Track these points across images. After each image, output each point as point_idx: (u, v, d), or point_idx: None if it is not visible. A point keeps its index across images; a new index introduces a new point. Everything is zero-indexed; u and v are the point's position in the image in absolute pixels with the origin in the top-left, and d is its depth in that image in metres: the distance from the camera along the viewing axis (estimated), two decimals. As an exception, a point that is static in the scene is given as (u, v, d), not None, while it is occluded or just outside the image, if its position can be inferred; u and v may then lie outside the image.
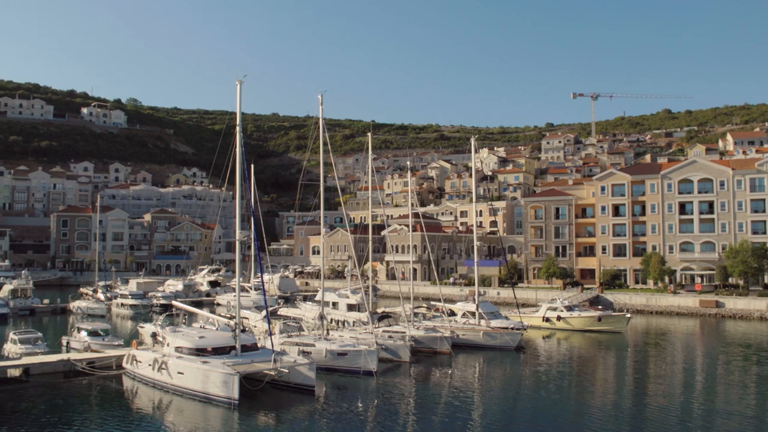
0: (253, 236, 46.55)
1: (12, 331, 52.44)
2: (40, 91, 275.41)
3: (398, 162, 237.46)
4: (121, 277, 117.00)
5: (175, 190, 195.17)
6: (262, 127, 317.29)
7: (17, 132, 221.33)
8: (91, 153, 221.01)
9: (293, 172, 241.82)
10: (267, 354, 38.05)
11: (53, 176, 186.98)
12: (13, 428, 30.43)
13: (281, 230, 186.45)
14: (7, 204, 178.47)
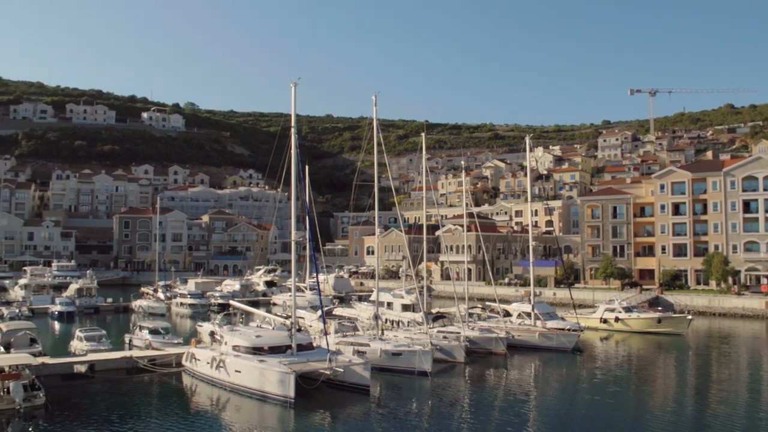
0: (308, 237, 47.11)
1: (78, 328, 54.31)
2: (103, 98, 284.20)
3: (452, 162, 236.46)
4: (180, 277, 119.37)
5: (231, 192, 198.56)
6: (317, 129, 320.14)
7: (82, 137, 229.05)
8: (151, 156, 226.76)
9: (347, 172, 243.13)
10: (322, 353, 38.39)
11: (115, 179, 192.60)
12: (80, 421, 31.48)
13: (336, 231, 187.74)
14: (73, 206, 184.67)
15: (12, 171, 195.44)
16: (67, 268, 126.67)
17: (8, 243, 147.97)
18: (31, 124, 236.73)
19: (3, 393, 32.98)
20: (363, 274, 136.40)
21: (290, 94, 42.67)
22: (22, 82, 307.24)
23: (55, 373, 40.43)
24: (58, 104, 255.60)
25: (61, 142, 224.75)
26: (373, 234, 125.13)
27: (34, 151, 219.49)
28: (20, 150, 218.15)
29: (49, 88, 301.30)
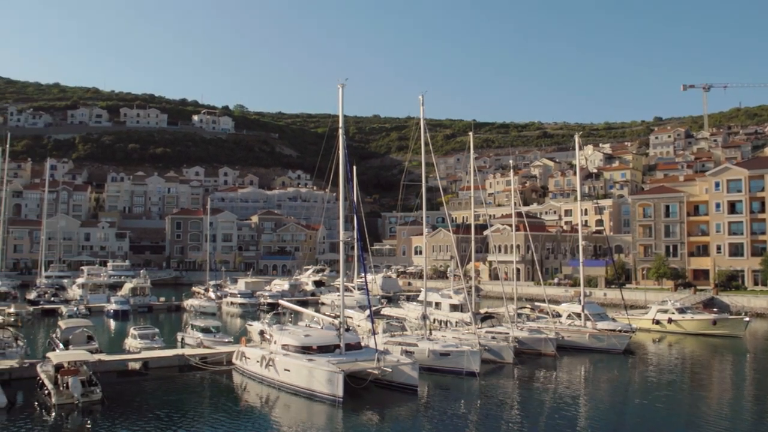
0: (356, 237, 47.29)
1: (132, 327, 55.62)
2: (155, 101, 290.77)
3: (500, 161, 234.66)
4: (230, 276, 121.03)
5: (280, 193, 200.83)
6: (364, 129, 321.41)
7: (135, 140, 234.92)
8: (202, 158, 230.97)
9: (395, 172, 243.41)
10: (370, 353, 38.55)
11: (168, 181, 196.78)
12: (135, 416, 32.27)
13: (384, 231, 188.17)
14: (127, 207, 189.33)
15: (70, 174, 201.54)
16: (121, 268, 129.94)
17: (66, 243, 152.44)
18: (88, 128, 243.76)
19: (62, 388, 34.02)
20: (411, 274, 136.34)
21: (338, 95, 43.00)
22: (79, 88, 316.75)
23: (111, 370, 41.54)
24: (112, 109, 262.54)
25: (116, 146, 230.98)
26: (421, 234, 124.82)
27: (90, 154, 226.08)
28: (77, 153, 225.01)
29: (104, 93, 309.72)
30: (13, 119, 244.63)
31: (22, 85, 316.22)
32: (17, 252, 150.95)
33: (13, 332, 48.22)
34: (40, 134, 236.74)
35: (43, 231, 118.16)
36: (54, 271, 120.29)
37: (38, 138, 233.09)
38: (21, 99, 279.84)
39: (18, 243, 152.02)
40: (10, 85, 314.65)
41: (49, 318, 74.70)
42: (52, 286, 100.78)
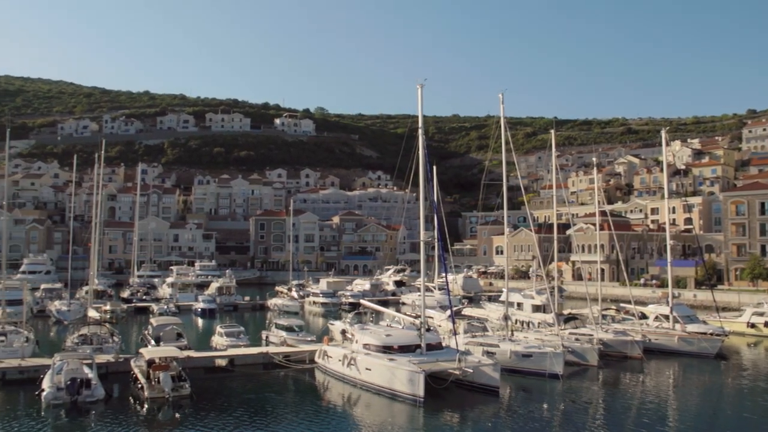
0: (436, 237, 47.22)
1: (219, 325, 57.31)
2: (239, 106, 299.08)
3: (583, 158, 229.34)
4: (312, 276, 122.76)
5: (361, 193, 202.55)
6: (443, 129, 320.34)
7: (220, 144, 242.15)
8: (284, 160, 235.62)
9: (475, 172, 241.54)
10: (451, 353, 38.38)
11: (251, 183, 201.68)
12: (222, 411, 33.26)
13: (464, 230, 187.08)
14: (213, 209, 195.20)
15: (159, 177, 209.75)
16: (208, 268, 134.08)
17: (156, 244, 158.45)
18: (176, 134, 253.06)
19: (154, 382, 35.43)
20: (492, 274, 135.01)
21: (417, 95, 43.03)
22: (167, 95, 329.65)
23: (198, 366, 42.80)
24: (198, 114, 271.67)
25: (202, 150, 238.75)
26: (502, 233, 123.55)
27: (178, 158, 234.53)
28: (166, 158, 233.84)
29: (191, 99, 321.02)
30: (108, 127, 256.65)
31: (115, 95, 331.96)
32: (112, 252, 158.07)
33: (109, 328, 50.43)
34: (131, 140, 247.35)
35: (136, 232, 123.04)
36: (145, 271, 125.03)
37: (130, 144, 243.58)
38: (114, 107, 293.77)
39: (113, 244, 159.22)
40: (105, 94, 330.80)
41: (141, 315, 77.51)
42: (144, 285, 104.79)
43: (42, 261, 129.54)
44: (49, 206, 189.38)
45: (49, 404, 33.03)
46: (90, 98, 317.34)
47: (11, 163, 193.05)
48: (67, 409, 32.72)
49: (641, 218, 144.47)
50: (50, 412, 32.52)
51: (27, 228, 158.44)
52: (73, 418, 31.85)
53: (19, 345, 44.36)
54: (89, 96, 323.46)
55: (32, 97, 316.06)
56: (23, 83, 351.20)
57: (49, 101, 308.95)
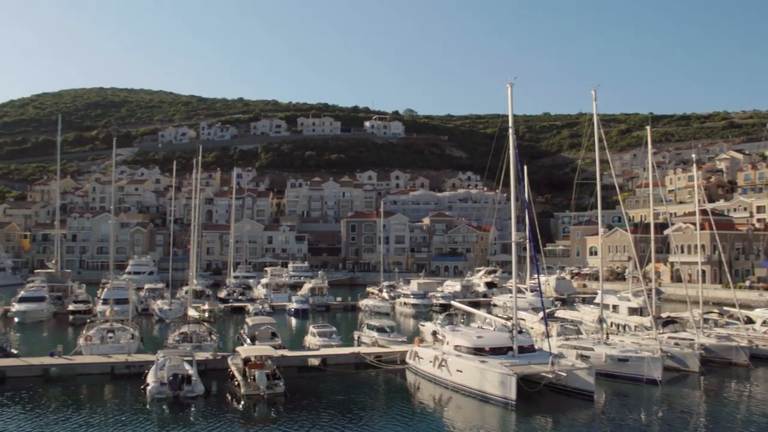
0: (528, 237, 46.46)
1: (312, 325, 58.37)
2: (329, 110, 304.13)
3: (681, 155, 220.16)
4: (403, 277, 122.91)
5: (451, 194, 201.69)
6: (534, 128, 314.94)
7: (311, 147, 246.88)
8: (374, 162, 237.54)
9: (567, 171, 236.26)
10: (544, 356, 37.66)
11: (342, 185, 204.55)
12: (315, 410, 33.88)
13: (556, 231, 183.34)
14: (305, 212, 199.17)
15: (253, 181, 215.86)
16: (301, 269, 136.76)
17: (252, 246, 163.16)
18: (269, 138, 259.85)
19: (250, 380, 36.48)
20: (585, 276, 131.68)
21: (506, 94, 42.53)
22: (260, 101, 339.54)
23: (292, 365, 43.71)
24: (290, 119, 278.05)
25: (294, 153, 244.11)
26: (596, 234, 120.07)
27: (271, 162, 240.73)
28: (260, 162, 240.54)
29: (283, 104, 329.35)
30: (204, 133, 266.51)
31: (212, 102, 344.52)
32: (209, 254, 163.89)
33: (207, 327, 52.30)
34: (227, 146, 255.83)
35: (232, 235, 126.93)
36: (241, 272, 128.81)
37: (225, 149, 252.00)
38: (210, 114, 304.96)
39: (210, 246, 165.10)
40: (202, 102, 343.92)
41: (237, 315, 79.61)
42: (239, 285, 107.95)
43: (146, 262, 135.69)
44: (152, 210, 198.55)
45: (153, 398, 34.63)
46: (188, 106, 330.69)
47: (117, 170, 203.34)
48: (169, 403, 34.20)
49: (746, 217, 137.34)
50: (154, 405, 34.11)
51: (132, 231, 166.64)
52: (175, 412, 33.26)
53: (126, 341, 46.73)
54: (187, 104, 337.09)
55: (135, 107, 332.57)
56: (127, 94, 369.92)
57: (150, 111, 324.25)
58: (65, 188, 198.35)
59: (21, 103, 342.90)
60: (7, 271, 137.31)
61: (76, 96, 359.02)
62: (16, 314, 72.81)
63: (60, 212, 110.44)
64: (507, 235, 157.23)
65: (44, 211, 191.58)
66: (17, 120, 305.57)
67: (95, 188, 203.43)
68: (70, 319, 71.93)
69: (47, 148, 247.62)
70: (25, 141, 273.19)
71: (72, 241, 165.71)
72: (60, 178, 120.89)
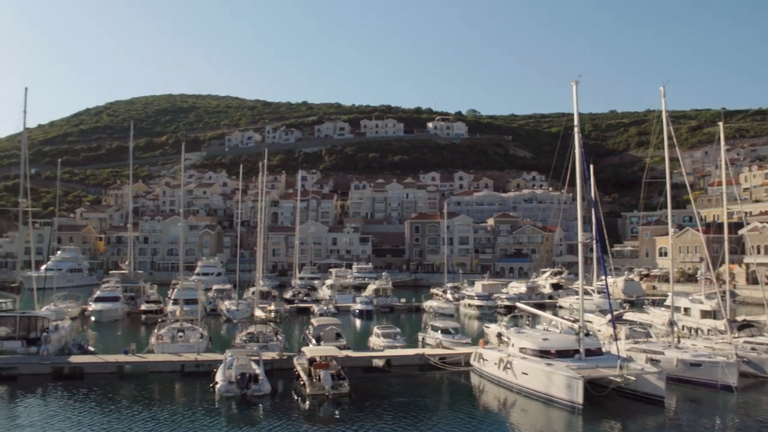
0: (595, 238, 45.63)
1: (376, 326, 58.63)
2: (392, 112, 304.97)
3: (757, 152, 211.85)
4: (467, 278, 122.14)
5: (515, 195, 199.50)
6: (600, 126, 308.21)
7: (375, 149, 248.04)
8: (437, 164, 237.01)
9: (635, 170, 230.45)
10: (612, 359, 36.81)
11: (405, 187, 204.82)
12: (379, 410, 34.05)
13: (624, 231, 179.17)
14: (369, 213, 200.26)
15: (318, 184, 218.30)
16: (365, 270, 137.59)
17: (316, 248, 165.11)
18: (332, 141, 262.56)
19: (315, 380, 36.93)
20: (655, 277, 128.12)
21: (572, 92, 41.84)
22: (324, 104, 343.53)
23: (356, 366, 43.89)
24: (353, 121, 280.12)
25: (357, 155, 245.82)
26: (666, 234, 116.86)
27: (335, 164, 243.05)
28: (324, 164, 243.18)
29: (346, 107, 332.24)
30: (270, 137, 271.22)
31: (276, 106, 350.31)
32: (275, 255, 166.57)
33: (273, 327, 53.11)
34: (291, 149, 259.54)
35: (297, 236, 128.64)
36: (306, 273, 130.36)
37: (290, 152, 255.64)
38: (275, 118, 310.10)
39: (276, 247, 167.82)
40: (266, 106, 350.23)
41: (302, 316, 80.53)
42: (304, 286, 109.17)
43: (214, 264, 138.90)
44: (219, 213, 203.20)
45: (221, 396, 35.46)
46: (253, 111, 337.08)
47: (186, 174, 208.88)
48: (237, 402, 34.94)
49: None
50: (223, 403, 34.91)
51: (200, 233, 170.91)
52: (243, 410, 33.96)
53: (195, 341, 47.98)
54: (252, 109, 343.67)
55: (203, 112, 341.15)
56: (195, 100, 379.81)
57: (217, 116, 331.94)
58: (137, 192, 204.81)
59: (96, 111, 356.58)
60: (84, 272, 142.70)
61: (146, 103, 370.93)
62: (92, 313, 75.68)
63: (132, 215, 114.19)
64: (573, 235, 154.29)
65: (118, 214, 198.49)
66: (92, 127, 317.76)
67: (165, 192, 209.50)
68: (143, 318, 74.36)
69: (120, 154, 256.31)
70: (99, 147, 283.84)
71: (144, 243, 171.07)
72: (132, 183, 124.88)
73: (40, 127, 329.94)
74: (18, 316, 48.61)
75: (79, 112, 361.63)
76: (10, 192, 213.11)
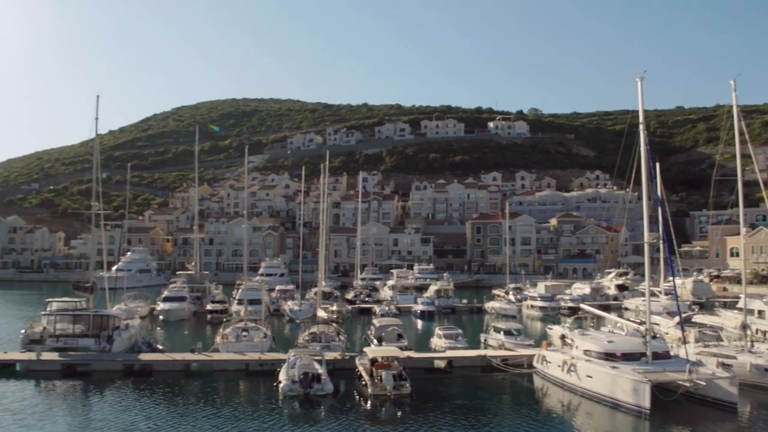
0: (662, 238, 44.44)
1: (437, 326, 58.42)
2: (452, 112, 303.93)
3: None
4: (529, 279, 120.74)
5: (578, 194, 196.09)
6: (666, 123, 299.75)
7: (435, 150, 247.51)
8: (498, 163, 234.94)
9: (704, 167, 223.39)
10: (681, 363, 35.72)
11: (467, 187, 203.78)
12: (441, 411, 33.87)
13: (693, 231, 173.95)
14: (430, 214, 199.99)
15: (379, 185, 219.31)
16: (426, 271, 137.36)
17: (378, 248, 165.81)
18: (393, 142, 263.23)
19: (377, 380, 37.05)
20: (726, 279, 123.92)
21: (636, 89, 40.87)
22: (383, 106, 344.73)
23: (418, 367, 43.93)
24: (413, 122, 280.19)
25: (418, 156, 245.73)
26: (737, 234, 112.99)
27: (395, 165, 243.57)
28: (384, 166, 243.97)
29: (406, 108, 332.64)
30: (331, 139, 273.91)
31: (337, 108, 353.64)
32: (337, 256, 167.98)
33: (336, 328, 53.53)
34: (352, 150, 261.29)
35: (358, 237, 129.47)
36: (367, 274, 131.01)
37: (351, 154, 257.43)
38: (336, 120, 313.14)
39: (337, 248, 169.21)
40: (328, 109, 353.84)
41: (364, 316, 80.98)
42: (366, 287, 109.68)
43: (277, 264, 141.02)
44: (282, 214, 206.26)
45: (285, 395, 35.96)
46: (314, 113, 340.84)
47: (249, 177, 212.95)
48: (300, 401, 35.37)
49: None
50: (286, 402, 35.39)
51: (263, 235, 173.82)
52: (306, 409, 34.36)
53: (259, 340, 48.79)
54: (314, 111, 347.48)
55: (265, 116, 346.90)
56: (257, 104, 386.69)
57: (279, 119, 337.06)
58: (202, 195, 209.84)
59: (163, 117, 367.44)
60: (153, 272, 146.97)
61: (211, 108, 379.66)
62: (160, 312, 77.90)
63: (198, 217, 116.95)
64: (639, 235, 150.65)
65: (184, 216, 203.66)
66: (160, 132, 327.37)
67: (229, 194, 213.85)
68: (208, 318, 76.04)
69: (186, 158, 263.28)
70: (166, 151, 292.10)
71: (209, 244, 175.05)
72: (198, 186, 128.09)
73: (111, 132, 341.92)
74: (91, 314, 50.37)
75: (147, 118, 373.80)
76: (84, 195, 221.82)
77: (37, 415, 32.85)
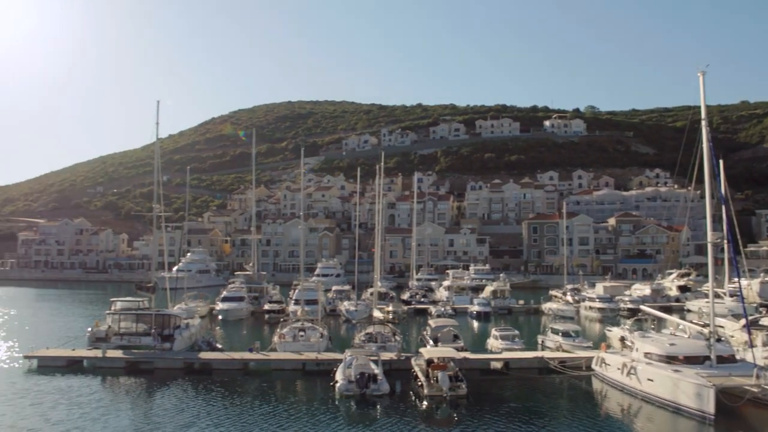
0: (726, 237, 43.04)
1: (493, 327, 58.01)
2: (507, 111, 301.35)
3: None
4: (587, 280, 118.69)
5: (638, 193, 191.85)
6: (730, 118, 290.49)
7: (490, 149, 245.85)
8: (555, 162, 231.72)
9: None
10: (747, 368, 34.59)
11: (522, 187, 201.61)
12: (496, 413, 33.61)
13: (759, 230, 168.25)
14: (486, 214, 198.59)
15: (434, 185, 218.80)
16: (482, 272, 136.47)
17: (433, 249, 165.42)
18: (447, 142, 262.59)
19: (433, 381, 37.01)
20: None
21: (698, 84, 39.77)
22: (438, 106, 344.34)
23: (474, 368, 43.69)
24: (468, 122, 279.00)
25: (473, 156, 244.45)
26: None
27: (450, 165, 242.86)
28: (439, 166, 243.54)
29: (460, 108, 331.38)
30: (385, 140, 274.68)
31: (391, 109, 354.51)
32: (392, 257, 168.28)
33: (391, 328, 53.63)
34: (407, 151, 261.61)
35: (414, 238, 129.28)
36: (423, 274, 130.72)
37: (406, 154, 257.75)
38: (391, 121, 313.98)
39: (393, 249, 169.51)
40: (382, 110, 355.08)
41: (420, 317, 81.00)
42: (422, 287, 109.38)
43: (333, 265, 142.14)
44: (337, 215, 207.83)
45: (341, 395, 36.26)
46: (369, 115, 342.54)
47: (305, 178, 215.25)
48: (356, 401, 35.61)
49: None
50: (342, 401, 35.69)
51: (319, 235, 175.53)
52: (362, 409, 34.57)
53: (316, 340, 49.34)
54: (368, 113, 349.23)
55: (320, 118, 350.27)
56: (313, 106, 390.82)
57: (334, 120, 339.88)
58: (259, 196, 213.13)
59: (220, 120, 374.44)
60: (212, 273, 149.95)
61: (267, 111, 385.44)
62: (219, 312, 79.46)
63: (255, 219, 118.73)
64: (701, 235, 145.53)
65: (242, 218, 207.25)
66: (217, 136, 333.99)
67: (286, 196, 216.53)
68: (266, 317, 77.20)
69: (243, 160, 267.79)
70: (224, 154, 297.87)
71: (266, 245, 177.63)
72: (255, 188, 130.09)
73: (171, 137, 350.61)
74: (153, 314, 51.81)
75: (205, 122, 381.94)
76: (145, 198, 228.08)
77: (102, 409, 34.17)
